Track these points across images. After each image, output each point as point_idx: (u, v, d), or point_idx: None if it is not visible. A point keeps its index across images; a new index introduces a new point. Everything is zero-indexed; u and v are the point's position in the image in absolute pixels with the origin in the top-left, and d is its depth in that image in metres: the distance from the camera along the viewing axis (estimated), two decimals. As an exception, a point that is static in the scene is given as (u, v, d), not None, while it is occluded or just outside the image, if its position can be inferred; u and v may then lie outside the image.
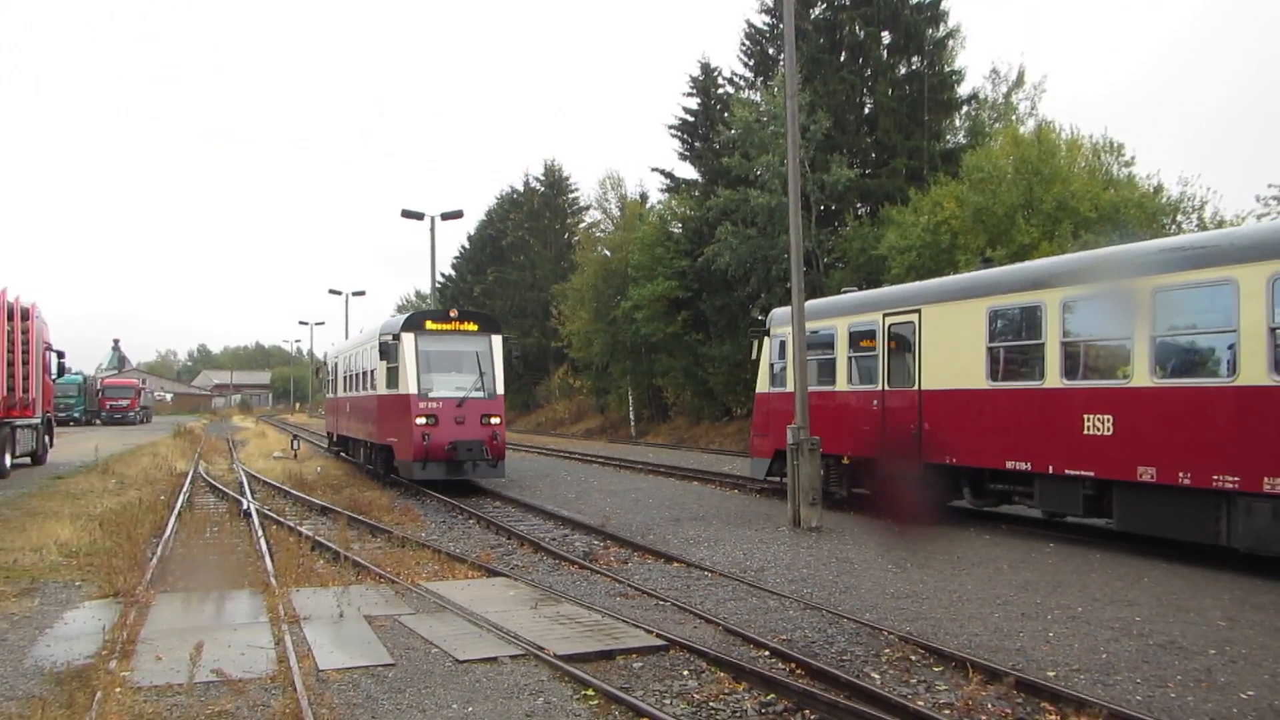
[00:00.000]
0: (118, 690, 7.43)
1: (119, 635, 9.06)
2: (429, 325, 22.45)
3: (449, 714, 7.07)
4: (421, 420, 21.02)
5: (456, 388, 21.76)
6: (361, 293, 69.29)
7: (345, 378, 30.38)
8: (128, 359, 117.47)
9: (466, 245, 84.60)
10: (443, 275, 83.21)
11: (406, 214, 37.55)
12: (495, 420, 21.82)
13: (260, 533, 15.50)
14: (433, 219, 37.95)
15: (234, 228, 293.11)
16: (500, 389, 22.37)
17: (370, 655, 8.58)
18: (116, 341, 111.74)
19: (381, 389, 23.21)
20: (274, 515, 17.82)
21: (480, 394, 21.88)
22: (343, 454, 32.84)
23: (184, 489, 22.14)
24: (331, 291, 67.73)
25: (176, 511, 17.82)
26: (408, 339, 21.96)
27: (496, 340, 22.75)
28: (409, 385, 21.46)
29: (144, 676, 7.89)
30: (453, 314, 22.83)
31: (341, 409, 31.61)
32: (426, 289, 37.40)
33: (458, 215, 38.91)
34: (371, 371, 24.58)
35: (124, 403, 73.31)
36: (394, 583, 11.70)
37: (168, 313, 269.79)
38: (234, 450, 39.79)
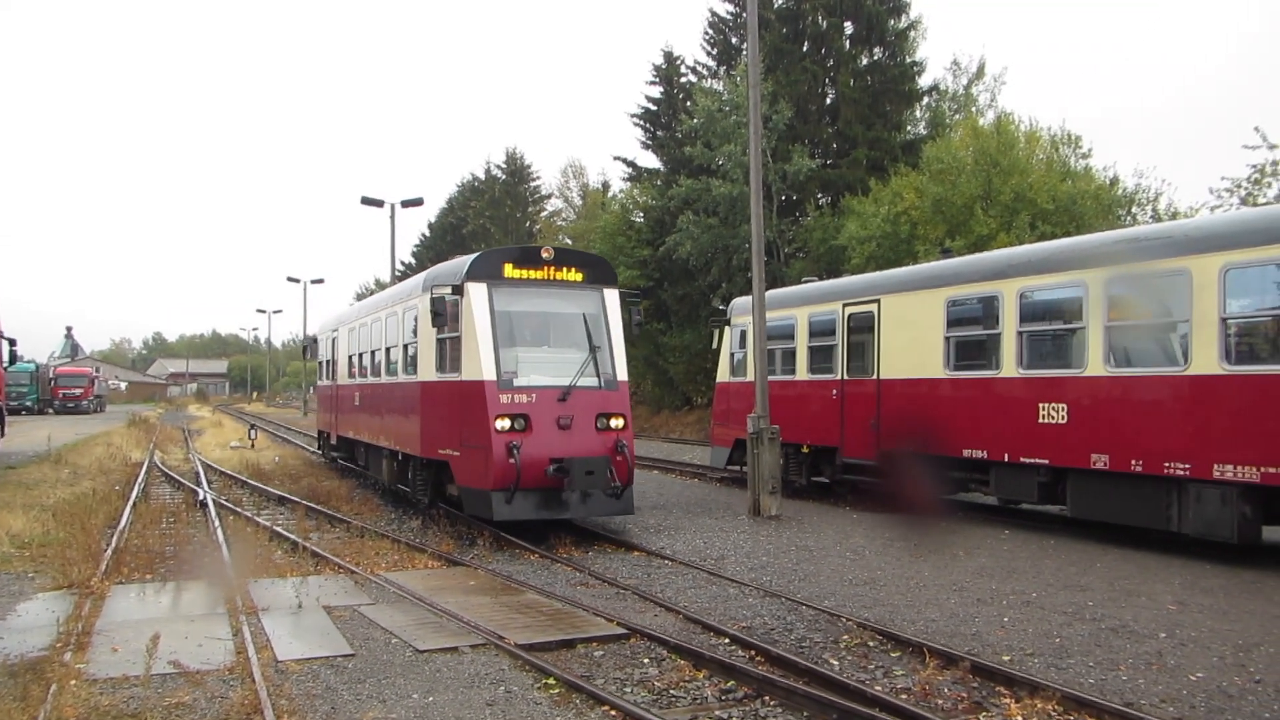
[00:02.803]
0: (73, 682, 7.35)
1: (74, 627, 8.96)
2: (509, 271, 14.68)
3: (409, 704, 7.05)
4: (504, 424, 13.58)
5: (557, 371, 14.36)
6: (320, 280, 68.73)
7: (355, 357, 21.91)
8: (81, 347, 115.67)
9: (427, 233, 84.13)
10: (402, 263, 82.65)
11: (366, 201, 37.31)
12: (618, 424, 14.37)
13: (217, 523, 15.36)
14: (393, 206, 37.77)
15: (190, 214, 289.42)
16: (623, 373, 14.92)
17: (330, 646, 8.55)
18: (69, 329, 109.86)
19: (427, 372, 15.66)
20: (231, 505, 17.66)
21: (593, 381, 14.35)
22: (340, 459, 24.48)
23: (139, 479, 21.86)
24: (289, 279, 67.14)
25: (132, 502, 17.59)
26: (477, 293, 14.27)
27: (612, 297, 15.21)
28: (481, 367, 13.90)
29: (100, 668, 7.81)
30: (545, 254, 15.01)
31: (346, 401, 22.62)
32: (386, 277, 37.19)
33: (418, 203, 38.73)
34: (405, 346, 17.29)
35: (77, 391, 72.05)
36: (353, 573, 11.65)
37: (122, 300, 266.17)
38: (190, 440, 39.32)
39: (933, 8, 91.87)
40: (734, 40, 43.27)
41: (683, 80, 47.68)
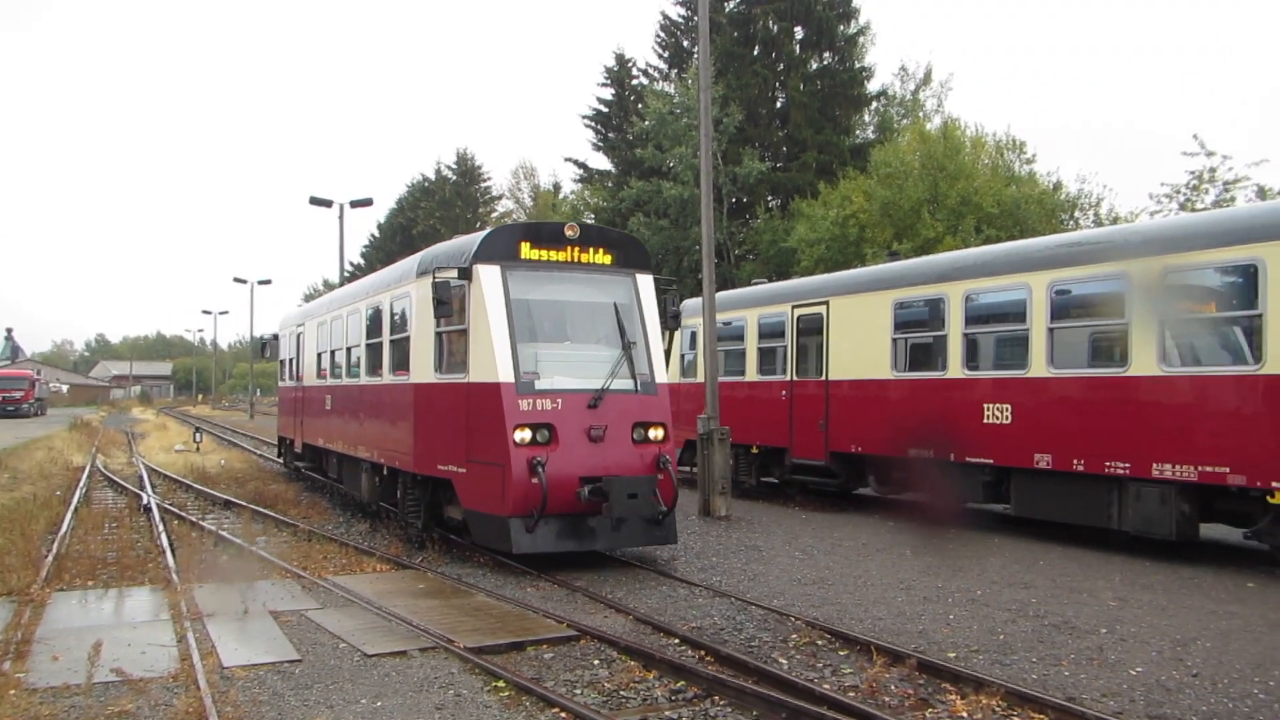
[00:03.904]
0: (12, 692, 7.19)
1: (13, 635, 8.77)
2: (527, 251, 12.32)
3: (358, 709, 6.99)
4: (525, 435, 11.47)
5: (585, 372, 12.15)
6: (268, 281, 68.01)
7: (327, 354, 19.21)
8: (21, 349, 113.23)
9: (376, 234, 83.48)
10: (351, 264, 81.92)
11: (315, 201, 36.96)
12: (659, 435, 12.21)
13: (161, 528, 15.11)
14: (342, 207, 37.43)
15: (134, 214, 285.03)
16: (662, 374, 12.73)
17: (276, 651, 8.44)
18: (9, 331, 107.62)
19: (423, 373, 13.22)
20: (176, 510, 17.39)
21: (628, 384, 12.19)
22: (305, 469, 21.85)
23: (81, 484, 21.48)
24: (236, 280, 66.32)
25: (73, 507, 17.28)
26: (488, 276, 12.00)
27: (646, 283, 13.02)
28: (495, 366, 11.68)
29: (40, 677, 7.65)
30: (569, 231, 12.61)
31: (315, 405, 19.95)
32: (335, 278, 36.99)
33: (367, 203, 38.47)
34: (393, 341, 14.78)
35: (17, 395, 70.50)
36: (300, 577, 11.53)
37: (64, 301, 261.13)
38: (133, 443, 38.67)
39: (881, 14, 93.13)
40: (685, 43, 43.44)
41: (634, 82, 47.77)
